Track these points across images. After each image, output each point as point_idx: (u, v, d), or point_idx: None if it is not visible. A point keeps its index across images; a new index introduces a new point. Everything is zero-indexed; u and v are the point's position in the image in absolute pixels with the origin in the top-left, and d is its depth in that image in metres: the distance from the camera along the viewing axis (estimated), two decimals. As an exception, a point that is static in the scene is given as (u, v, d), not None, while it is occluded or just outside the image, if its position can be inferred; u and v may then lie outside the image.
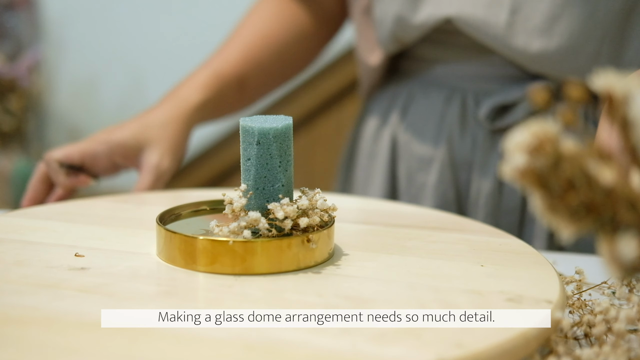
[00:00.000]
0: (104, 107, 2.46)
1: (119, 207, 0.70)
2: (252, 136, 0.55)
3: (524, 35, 0.77)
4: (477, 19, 0.79)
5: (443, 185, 0.85)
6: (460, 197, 0.85)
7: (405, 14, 0.82)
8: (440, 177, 0.85)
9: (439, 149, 0.85)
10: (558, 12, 0.76)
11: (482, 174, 0.83)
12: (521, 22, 0.77)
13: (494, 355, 0.42)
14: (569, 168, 0.35)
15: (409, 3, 0.82)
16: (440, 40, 0.84)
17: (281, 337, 0.43)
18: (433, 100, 0.86)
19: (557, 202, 0.36)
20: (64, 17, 2.44)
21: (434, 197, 0.86)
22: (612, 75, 0.36)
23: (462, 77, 0.85)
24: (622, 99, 0.36)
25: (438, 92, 0.86)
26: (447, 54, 0.85)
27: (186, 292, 0.50)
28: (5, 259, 0.55)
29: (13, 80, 2.30)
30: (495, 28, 0.78)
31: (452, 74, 0.85)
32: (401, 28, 0.83)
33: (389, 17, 0.84)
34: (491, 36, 0.79)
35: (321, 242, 0.54)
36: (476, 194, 0.84)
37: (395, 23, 0.83)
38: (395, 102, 0.90)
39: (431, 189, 0.86)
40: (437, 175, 0.85)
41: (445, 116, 0.85)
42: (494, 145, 0.83)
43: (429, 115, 0.86)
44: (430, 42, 0.85)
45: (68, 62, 2.46)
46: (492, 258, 0.57)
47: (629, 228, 0.36)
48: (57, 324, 0.44)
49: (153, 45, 2.33)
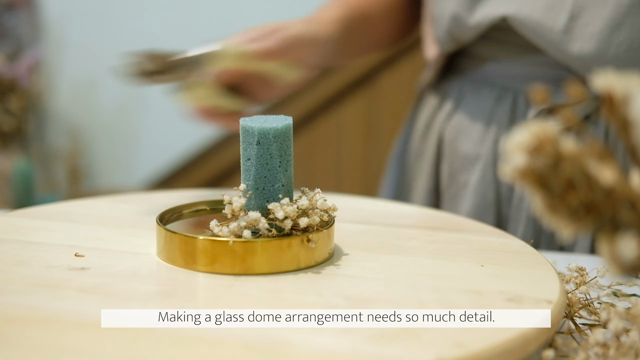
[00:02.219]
0: (104, 107, 2.46)
1: (119, 207, 0.70)
2: (252, 136, 0.55)
3: (581, 41, 0.75)
4: (533, 21, 0.77)
5: (484, 185, 0.84)
6: (500, 200, 0.83)
7: (461, 13, 0.81)
8: (483, 176, 0.84)
9: (484, 148, 0.84)
10: (620, 20, 0.74)
11: None
12: (580, 28, 0.75)
13: (494, 355, 0.42)
14: (569, 168, 0.35)
15: (467, 2, 0.81)
16: (495, 37, 0.83)
17: (281, 337, 0.43)
18: (483, 99, 0.85)
19: (557, 202, 0.36)
20: (64, 17, 2.44)
21: (474, 197, 0.84)
22: (612, 75, 0.36)
23: (515, 76, 0.83)
24: (622, 99, 0.36)
25: (489, 91, 0.85)
26: (500, 52, 0.83)
27: (186, 292, 0.50)
28: (5, 259, 0.55)
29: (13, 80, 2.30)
30: (551, 32, 0.76)
31: (504, 73, 0.84)
32: (458, 27, 0.82)
33: (446, 16, 0.83)
34: (547, 40, 0.77)
35: (321, 242, 0.54)
36: (519, 198, 0.82)
37: (452, 22, 0.83)
38: (446, 100, 0.89)
39: (472, 188, 0.84)
40: (480, 175, 0.84)
41: (494, 115, 0.84)
42: None
43: (478, 114, 0.85)
44: (484, 39, 0.84)
45: (68, 62, 2.46)
46: (492, 258, 0.57)
47: (629, 228, 0.36)
48: (57, 324, 0.44)
49: (153, 45, 2.33)
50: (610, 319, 0.45)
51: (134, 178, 2.45)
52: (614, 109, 0.36)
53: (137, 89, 2.40)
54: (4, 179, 2.27)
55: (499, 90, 0.84)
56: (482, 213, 0.83)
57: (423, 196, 0.89)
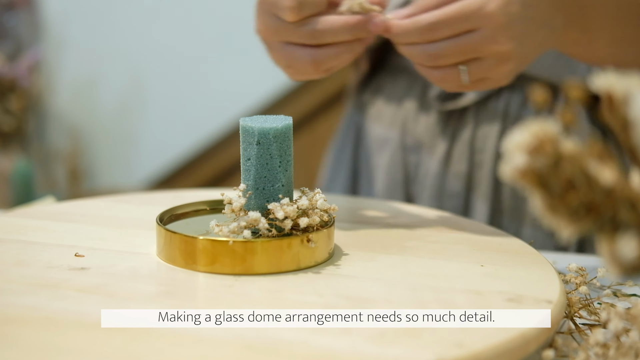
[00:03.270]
0: (104, 107, 2.46)
1: (119, 207, 0.70)
2: (252, 136, 0.55)
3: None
4: None
5: (393, 166, 0.87)
6: (408, 179, 0.88)
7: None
8: (392, 158, 0.87)
9: (393, 132, 0.88)
10: None
11: (430, 156, 0.85)
12: None
13: (494, 355, 0.42)
14: (569, 168, 0.35)
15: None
16: None
17: (281, 337, 0.43)
18: (397, 86, 0.89)
19: (557, 202, 0.36)
20: (64, 17, 2.44)
21: (385, 178, 0.88)
22: (612, 76, 0.36)
23: None
24: (622, 99, 0.36)
25: (403, 78, 0.89)
26: None
27: (186, 292, 0.50)
28: (5, 259, 0.55)
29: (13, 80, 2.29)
30: None
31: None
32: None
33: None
34: None
35: (321, 242, 0.54)
36: (423, 176, 0.86)
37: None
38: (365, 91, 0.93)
39: (383, 170, 0.88)
40: (389, 157, 0.88)
41: (404, 101, 0.88)
42: (444, 128, 0.85)
43: (391, 101, 0.89)
44: None
45: (68, 62, 2.46)
46: (492, 258, 0.57)
47: (629, 228, 0.36)
48: (57, 324, 0.44)
49: (153, 45, 2.33)
50: (610, 319, 0.45)
51: (134, 178, 2.45)
52: (614, 109, 0.36)
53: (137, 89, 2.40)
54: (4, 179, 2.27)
55: (411, 77, 0.87)
56: (393, 192, 0.87)
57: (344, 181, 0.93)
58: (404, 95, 0.88)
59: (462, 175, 0.84)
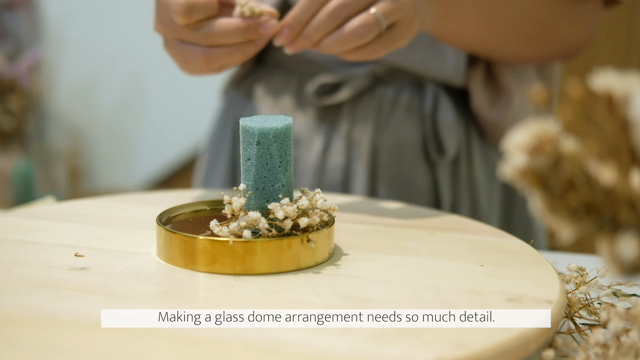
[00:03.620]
0: (104, 107, 2.46)
1: (119, 207, 0.70)
2: (252, 136, 0.55)
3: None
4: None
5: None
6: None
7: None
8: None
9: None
10: None
11: (308, 149, 0.88)
12: None
13: (494, 355, 0.42)
14: (569, 168, 0.35)
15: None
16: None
17: (281, 337, 0.43)
18: (273, 82, 0.92)
19: (557, 202, 0.36)
20: (64, 17, 2.44)
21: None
22: (612, 76, 0.36)
23: (300, 60, 0.89)
24: (622, 99, 0.36)
25: (278, 74, 0.91)
26: None
27: (186, 292, 0.50)
28: (5, 259, 0.55)
29: (13, 80, 2.30)
30: None
31: (291, 58, 0.90)
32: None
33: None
34: None
35: (321, 242, 0.54)
36: (302, 168, 0.89)
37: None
38: (241, 89, 0.95)
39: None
40: None
41: (281, 96, 0.90)
42: (321, 123, 0.88)
43: (268, 96, 0.91)
44: None
45: (68, 62, 2.46)
46: (492, 258, 0.57)
47: (629, 228, 0.36)
48: (57, 324, 0.44)
49: (153, 45, 2.33)
50: (610, 319, 0.45)
51: (134, 178, 2.45)
52: (614, 109, 0.36)
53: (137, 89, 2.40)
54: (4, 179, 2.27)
55: (287, 73, 0.91)
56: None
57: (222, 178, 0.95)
58: (280, 91, 0.91)
59: (339, 167, 0.87)
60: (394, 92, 0.87)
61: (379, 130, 0.87)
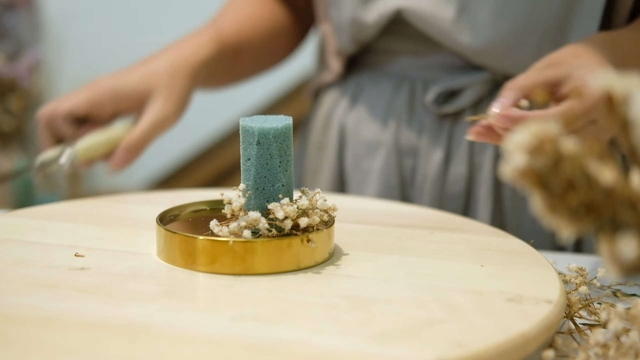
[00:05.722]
0: (104, 107, 2.46)
1: (119, 207, 0.70)
2: (252, 136, 0.55)
3: (470, 31, 0.79)
4: (425, 13, 0.80)
5: (388, 170, 0.87)
6: (404, 183, 0.87)
7: (359, 14, 0.84)
8: (386, 162, 0.87)
9: (386, 134, 0.87)
10: (503, 8, 0.78)
11: (427, 159, 0.85)
12: (468, 19, 0.79)
13: (494, 355, 0.42)
14: (569, 168, 0.35)
15: (361, 3, 0.84)
16: (390, 30, 0.86)
17: (281, 337, 0.43)
18: (382, 88, 0.89)
19: (557, 202, 0.36)
20: (64, 17, 2.44)
21: (378, 182, 0.87)
22: (612, 76, 0.36)
23: (411, 67, 0.87)
24: (622, 99, 0.36)
25: (387, 81, 0.88)
26: (396, 45, 0.86)
27: (186, 292, 0.50)
28: (5, 259, 0.55)
29: (13, 80, 2.29)
30: (443, 23, 0.80)
31: (400, 65, 0.87)
32: (358, 29, 0.85)
33: (346, 22, 0.86)
34: (438, 30, 0.81)
35: (321, 242, 0.54)
36: (421, 179, 0.86)
37: (352, 26, 0.85)
38: (344, 94, 0.92)
39: (376, 173, 0.88)
40: (383, 161, 0.87)
41: (394, 102, 0.87)
42: (440, 131, 0.85)
43: (378, 102, 0.88)
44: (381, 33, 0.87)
45: (68, 62, 2.46)
46: (492, 258, 0.57)
47: (629, 228, 0.36)
48: (57, 324, 0.44)
49: (153, 45, 2.33)
50: (610, 319, 0.45)
51: (134, 178, 2.45)
52: (614, 109, 0.36)
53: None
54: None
55: (397, 79, 0.88)
56: (388, 196, 0.86)
57: (328, 185, 0.92)
58: (392, 97, 0.88)
59: (462, 178, 0.84)
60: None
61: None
